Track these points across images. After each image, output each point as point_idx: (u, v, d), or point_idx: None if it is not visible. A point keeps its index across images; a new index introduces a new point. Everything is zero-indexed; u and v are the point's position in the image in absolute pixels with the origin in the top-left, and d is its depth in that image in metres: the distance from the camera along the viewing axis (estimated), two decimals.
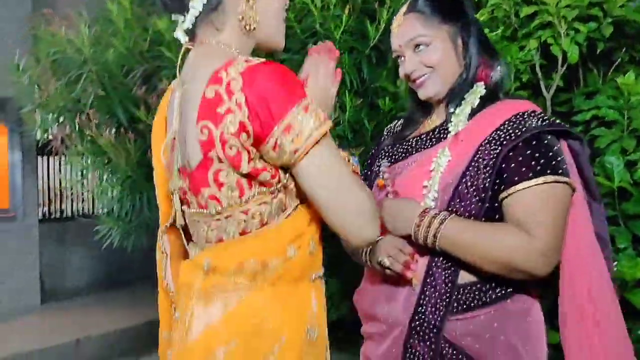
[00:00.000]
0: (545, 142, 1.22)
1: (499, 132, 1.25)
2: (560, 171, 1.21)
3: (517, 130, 1.23)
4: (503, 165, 1.22)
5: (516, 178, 1.20)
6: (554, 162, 1.20)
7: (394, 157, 1.41)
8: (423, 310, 1.24)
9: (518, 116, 1.26)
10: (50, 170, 5.82)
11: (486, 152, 1.24)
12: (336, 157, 0.98)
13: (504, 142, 1.23)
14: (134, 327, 4.11)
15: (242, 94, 0.93)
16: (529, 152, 1.21)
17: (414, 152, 1.37)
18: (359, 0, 2.71)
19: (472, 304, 1.23)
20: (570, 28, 2.09)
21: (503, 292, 1.25)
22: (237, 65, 0.95)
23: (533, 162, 1.20)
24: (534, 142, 1.22)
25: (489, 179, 1.22)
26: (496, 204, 1.23)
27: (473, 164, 1.24)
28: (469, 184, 1.23)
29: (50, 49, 2.51)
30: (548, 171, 1.19)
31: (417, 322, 1.24)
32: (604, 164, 2.11)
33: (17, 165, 4.94)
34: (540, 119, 1.25)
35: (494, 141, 1.25)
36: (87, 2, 2.73)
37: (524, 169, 1.20)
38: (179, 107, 1.05)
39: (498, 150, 1.23)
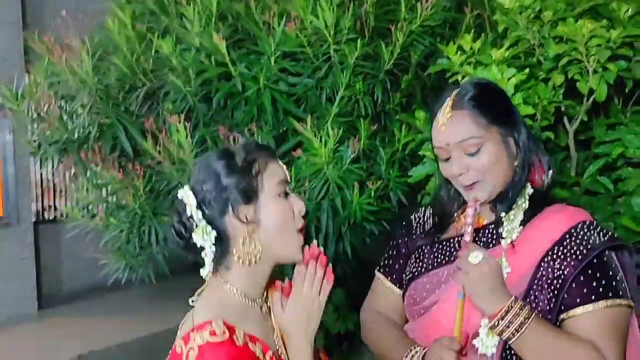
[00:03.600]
0: (606, 259, 1.19)
1: (560, 247, 1.20)
2: (621, 292, 1.17)
3: (581, 248, 1.18)
4: (565, 286, 1.17)
5: (578, 300, 1.16)
6: (614, 283, 1.17)
7: (436, 260, 1.32)
8: None
9: (578, 229, 1.21)
10: (43, 169, 5.69)
11: (550, 269, 1.19)
12: None
13: (571, 262, 1.17)
14: (136, 340, 4.06)
15: None
16: (590, 272, 1.17)
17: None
18: (372, 19, 2.61)
19: None
20: (599, 66, 2.02)
21: None
22: (202, 334, 1.04)
23: (595, 284, 1.16)
24: (596, 261, 1.18)
25: (553, 300, 1.17)
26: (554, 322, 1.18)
27: (536, 282, 1.19)
28: (532, 302, 1.17)
29: (51, 79, 2.38)
30: (610, 294, 1.16)
31: None
32: (631, 205, 2.06)
33: (10, 171, 4.80)
34: (601, 234, 1.21)
35: (557, 258, 1.19)
36: (82, 23, 2.58)
37: (585, 290, 1.16)
38: None
39: (565, 271, 1.17)
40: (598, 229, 1.21)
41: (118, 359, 3.93)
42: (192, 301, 1.16)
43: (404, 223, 1.48)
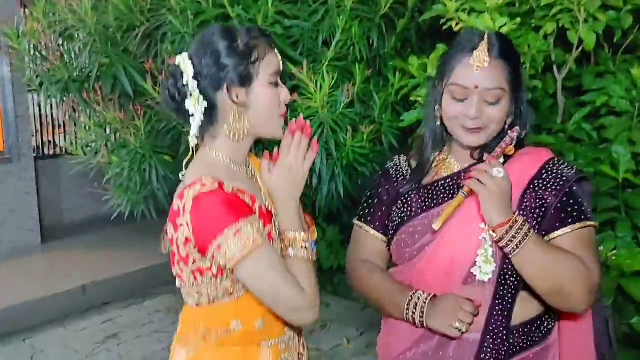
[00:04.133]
0: (575, 189, 1.31)
1: (540, 180, 1.31)
2: (589, 215, 1.30)
3: (558, 180, 1.31)
4: (548, 213, 1.29)
5: (557, 224, 1.29)
6: (583, 208, 1.30)
7: (425, 204, 1.39)
8: (486, 358, 1.30)
9: (551, 165, 1.33)
10: (41, 105, 5.73)
11: (532, 200, 1.31)
12: (266, 267, 1.15)
13: (553, 192, 1.29)
14: (136, 272, 4.24)
15: (190, 217, 1.14)
16: (565, 200, 1.29)
17: (446, 198, 1.37)
18: None
19: (524, 345, 1.32)
20: (589, 15, 2.06)
21: (545, 329, 1.35)
22: (195, 188, 1.14)
23: (570, 209, 1.29)
24: (568, 191, 1.30)
25: (537, 226, 1.29)
26: None
27: (522, 212, 1.30)
28: None
29: (51, 19, 2.40)
30: (582, 217, 1.29)
31: None
32: (610, 152, 2.15)
33: (10, 106, 4.84)
34: (569, 168, 1.33)
35: (540, 190, 1.31)
36: None
37: (563, 215, 1.29)
38: None
39: (548, 200, 1.29)
40: (565, 165, 1.34)
41: (119, 289, 4.11)
42: (182, 175, 1.23)
43: (380, 172, 1.54)
